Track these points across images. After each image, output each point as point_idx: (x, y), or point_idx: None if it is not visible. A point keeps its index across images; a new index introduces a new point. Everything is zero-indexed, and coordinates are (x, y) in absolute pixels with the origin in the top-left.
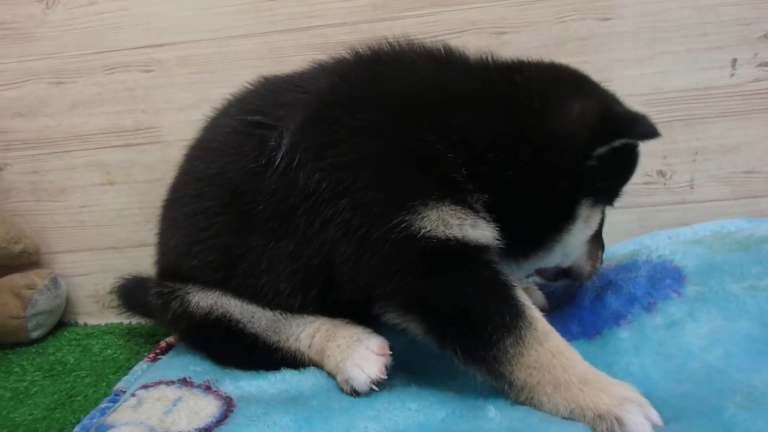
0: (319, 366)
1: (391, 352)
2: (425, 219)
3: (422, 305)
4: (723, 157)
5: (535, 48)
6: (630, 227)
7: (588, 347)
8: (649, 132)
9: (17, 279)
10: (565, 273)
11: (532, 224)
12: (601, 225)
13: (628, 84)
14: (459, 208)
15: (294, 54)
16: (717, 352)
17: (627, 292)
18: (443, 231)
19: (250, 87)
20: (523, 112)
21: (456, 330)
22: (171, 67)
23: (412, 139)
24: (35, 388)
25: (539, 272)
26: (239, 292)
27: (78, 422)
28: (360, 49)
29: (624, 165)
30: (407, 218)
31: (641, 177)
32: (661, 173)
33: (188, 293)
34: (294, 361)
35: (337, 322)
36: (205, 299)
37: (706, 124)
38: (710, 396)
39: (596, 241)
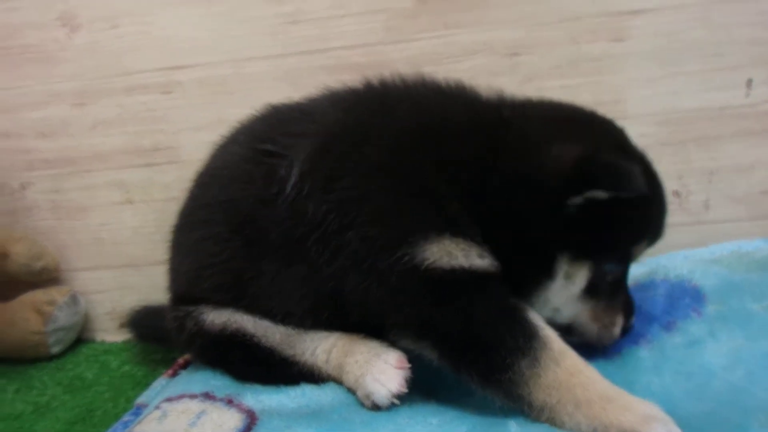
0: (338, 381)
1: (410, 365)
2: (427, 251)
3: (434, 333)
4: (738, 177)
5: (548, 69)
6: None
7: (607, 366)
8: (631, 187)
9: (38, 295)
10: (567, 330)
11: (513, 270)
12: (618, 283)
13: (642, 104)
14: (461, 240)
15: (309, 75)
16: (739, 372)
17: (645, 311)
18: (448, 261)
19: (259, 115)
20: (503, 151)
21: (469, 355)
22: (189, 89)
23: (413, 175)
24: (56, 403)
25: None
26: (250, 311)
27: None
28: (370, 80)
29: (615, 219)
30: (409, 251)
31: None
32: (677, 193)
33: (202, 313)
34: (312, 375)
35: (353, 336)
36: (218, 317)
37: (721, 144)
38: (733, 415)
39: (609, 302)
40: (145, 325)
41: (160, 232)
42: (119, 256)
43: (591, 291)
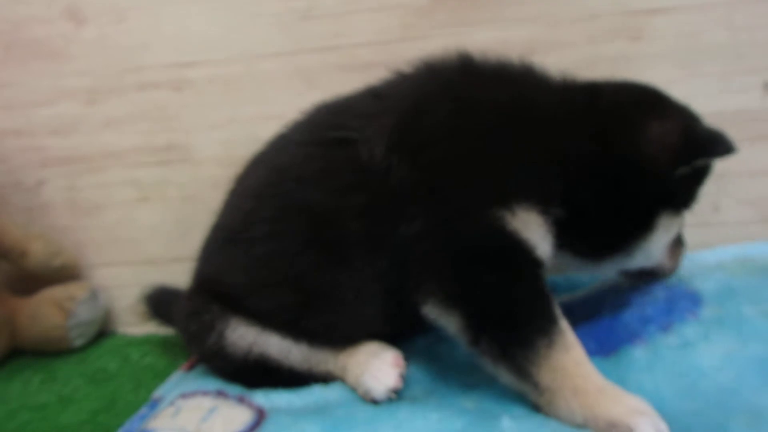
0: (343, 381)
1: (406, 362)
2: (516, 217)
3: (472, 299)
4: (750, 180)
5: (565, 69)
6: None
7: (603, 363)
8: (728, 149)
9: (58, 292)
10: (649, 273)
11: (612, 235)
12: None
13: None
14: (542, 217)
15: (322, 73)
16: (729, 373)
17: (644, 312)
18: (522, 233)
19: (309, 113)
20: (604, 133)
21: (498, 327)
22: (201, 86)
23: (515, 143)
24: (79, 394)
25: (623, 273)
26: (303, 332)
27: (119, 426)
28: (438, 58)
29: (701, 174)
30: (501, 212)
31: None
32: None
33: (227, 327)
34: (324, 380)
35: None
36: (243, 338)
37: None
38: (717, 415)
39: (676, 240)
40: (161, 304)
41: (177, 230)
42: (137, 253)
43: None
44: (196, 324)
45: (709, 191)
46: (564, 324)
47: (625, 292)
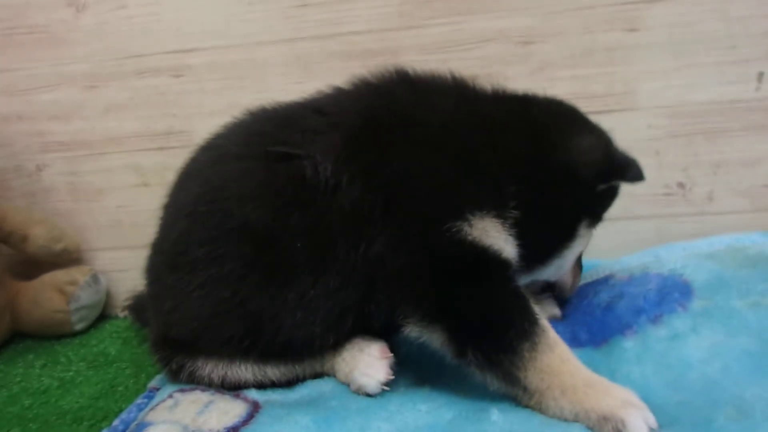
0: (335, 377)
1: (392, 354)
2: (473, 227)
3: (450, 312)
4: (744, 170)
5: (561, 59)
6: (648, 237)
7: (594, 354)
8: (640, 176)
9: (60, 275)
10: (550, 287)
11: (543, 241)
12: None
13: (654, 96)
14: (500, 222)
15: (320, 61)
16: (715, 365)
17: (636, 304)
18: (484, 240)
19: (243, 122)
20: (543, 142)
21: (480, 336)
22: (200, 73)
23: (466, 155)
24: (80, 378)
25: (529, 286)
26: (262, 356)
27: (119, 412)
28: (376, 74)
29: (612, 195)
30: (458, 223)
31: (661, 188)
32: (681, 185)
33: (197, 367)
34: (314, 378)
35: None
36: (216, 372)
37: (729, 137)
38: (704, 406)
39: (578, 260)
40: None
41: None
42: (138, 237)
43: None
44: (166, 367)
45: (703, 181)
46: (544, 322)
47: (618, 284)
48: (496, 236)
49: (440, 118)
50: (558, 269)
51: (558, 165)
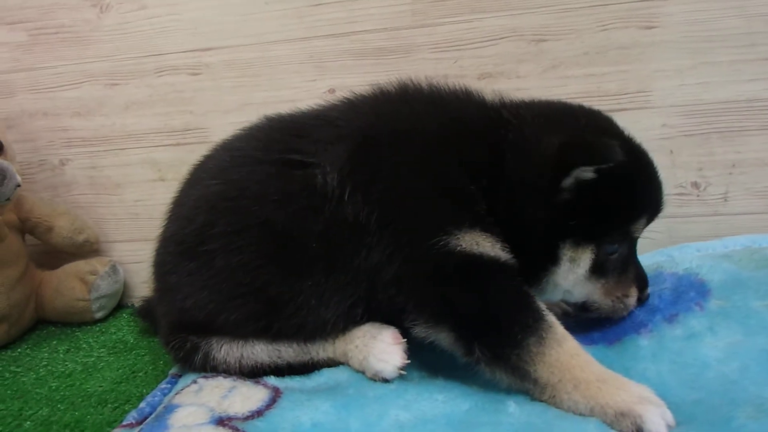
0: (348, 365)
1: (405, 339)
2: (460, 240)
3: (455, 314)
4: (760, 170)
5: (574, 57)
6: (660, 237)
7: (607, 352)
8: (609, 157)
9: (81, 266)
10: (583, 307)
11: (524, 261)
12: (627, 259)
13: (668, 95)
14: (489, 234)
15: (334, 59)
16: (733, 365)
17: (651, 303)
18: (476, 249)
19: (262, 127)
20: (506, 151)
21: (485, 333)
22: (217, 71)
23: (443, 176)
24: (102, 363)
25: (564, 302)
26: (278, 335)
27: (141, 396)
28: (385, 86)
29: (607, 200)
30: (445, 238)
31: (675, 188)
32: (695, 185)
33: (211, 348)
34: (327, 365)
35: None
36: (231, 353)
37: (746, 137)
38: (722, 405)
39: (620, 277)
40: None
41: None
42: (154, 229)
43: (597, 271)
44: (180, 351)
45: (718, 181)
46: (551, 318)
47: None
48: (488, 246)
49: (423, 138)
50: (564, 293)
51: (513, 172)
